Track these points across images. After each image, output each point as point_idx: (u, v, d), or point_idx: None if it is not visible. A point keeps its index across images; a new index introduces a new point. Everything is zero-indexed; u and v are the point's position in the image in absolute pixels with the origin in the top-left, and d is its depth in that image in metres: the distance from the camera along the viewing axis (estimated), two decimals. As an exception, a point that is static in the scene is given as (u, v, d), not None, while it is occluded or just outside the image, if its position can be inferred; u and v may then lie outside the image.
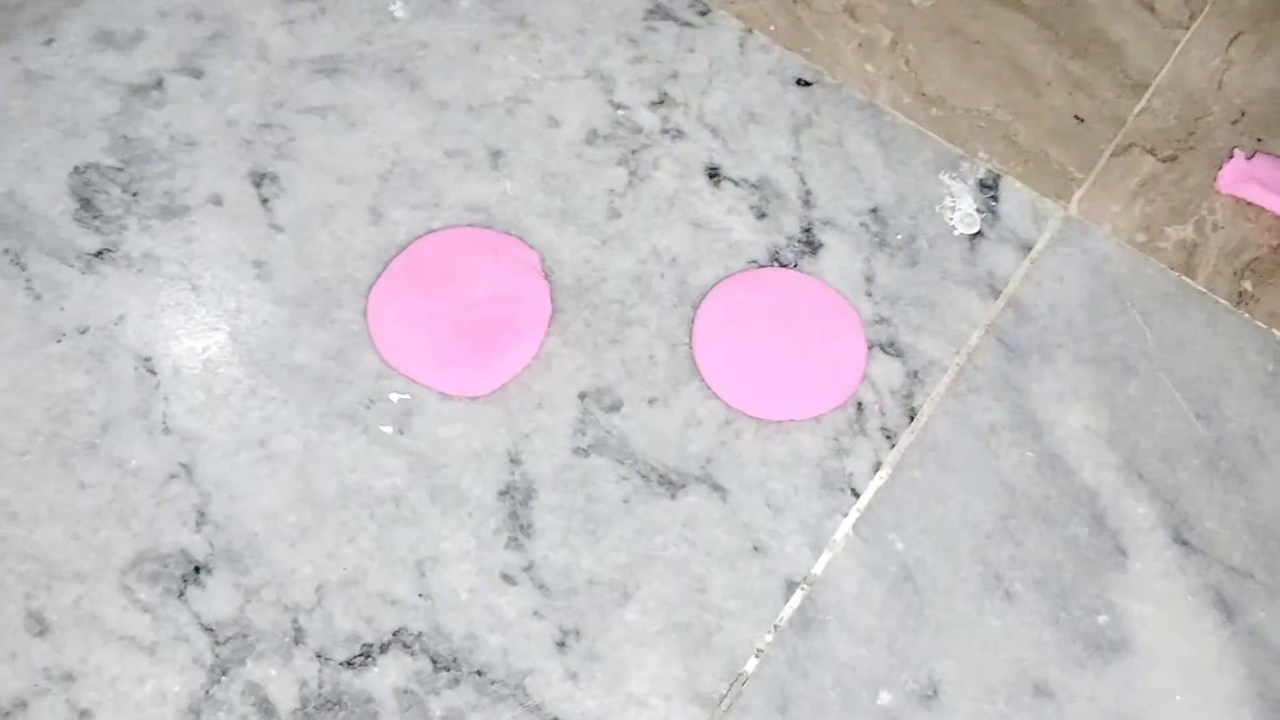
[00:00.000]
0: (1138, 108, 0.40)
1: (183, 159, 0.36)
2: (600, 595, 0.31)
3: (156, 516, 0.31)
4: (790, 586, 0.32)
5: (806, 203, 0.37)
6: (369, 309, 0.33)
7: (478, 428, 0.33)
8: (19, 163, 0.35)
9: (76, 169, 0.35)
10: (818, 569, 0.32)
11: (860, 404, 0.34)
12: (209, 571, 0.31)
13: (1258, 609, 0.33)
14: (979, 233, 0.37)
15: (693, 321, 0.35)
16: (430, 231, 0.34)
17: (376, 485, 0.32)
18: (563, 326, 0.34)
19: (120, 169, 0.36)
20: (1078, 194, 0.38)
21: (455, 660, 0.30)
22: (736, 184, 0.37)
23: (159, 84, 0.37)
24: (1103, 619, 0.32)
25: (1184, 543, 0.33)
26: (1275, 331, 0.37)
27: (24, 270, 0.34)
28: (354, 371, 0.33)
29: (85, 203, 0.35)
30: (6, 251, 0.34)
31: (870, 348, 0.35)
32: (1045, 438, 0.34)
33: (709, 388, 0.34)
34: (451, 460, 0.33)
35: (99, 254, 0.34)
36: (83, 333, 0.33)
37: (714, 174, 0.37)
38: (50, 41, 0.37)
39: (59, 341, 0.33)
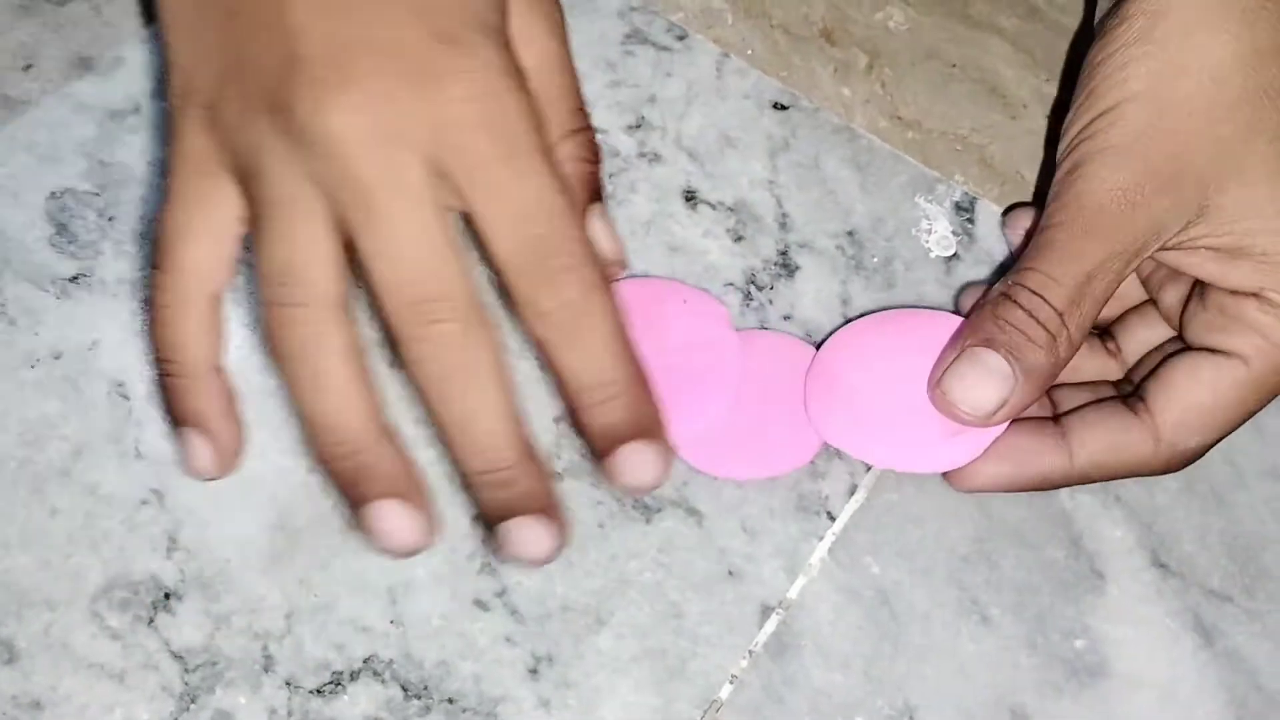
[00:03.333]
0: (1114, 130, 0.40)
1: (159, 184, 0.36)
2: (574, 621, 0.31)
3: (127, 543, 0.31)
4: (765, 611, 0.32)
5: (783, 225, 0.37)
6: None
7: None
8: (-5, 188, 0.35)
9: (53, 194, 0.36)
10: (793, 593, 0.32)
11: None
12: (179, 598, 0.31)
13: (1237, 632, 0.33)
14: (955, 255, 0.37)
15: None
16: None
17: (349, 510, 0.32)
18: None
19: (97, 194, 0.36)
20: (1054, 216, 0.38)
21: (426, 688, 0.30)
22: (713, 207, 0.37)
23: (136, 109, 0.37)
24: (1080, 643, 0.32)
25: (1162, 565, 0.33)
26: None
27: (-1, 295, 0.34)
28: (327, 396, 0.33)
29: (61, 228, 0.35)
30: (-19, 277, 0.34)
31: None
32: (1021, 461, 0.34)
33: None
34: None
35: (74, 279, 0.34)
36: (57, 358, 0.33)
37: (690, 197, 0.37)
38: (28, 67, 0.38)
39: (33, 367, 0.33)
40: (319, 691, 0.30)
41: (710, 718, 0.30)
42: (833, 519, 0.33)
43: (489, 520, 0.28)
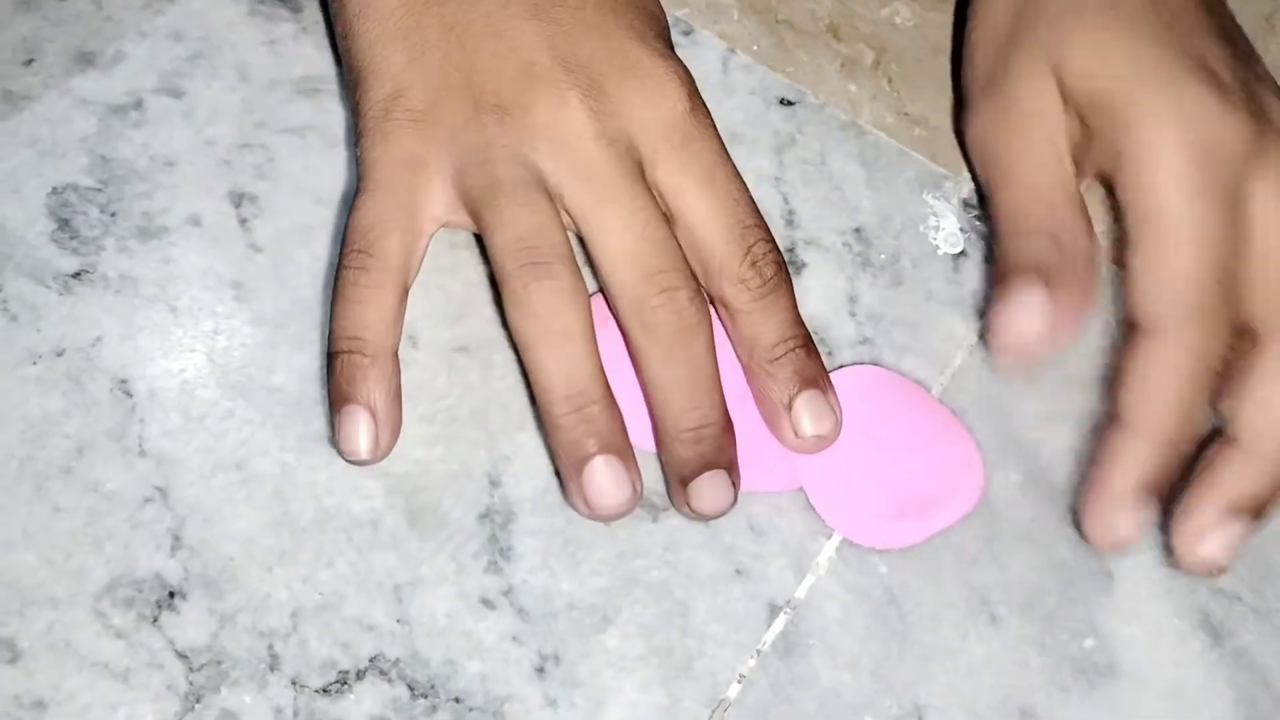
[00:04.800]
0: (1122, 127, 0.40)
1: (161, 179, 0.36)
2: (580, 620, 0.31)
3: (131, 541, 0.31)
4: (773, 610, 0.32)
5: (790, 223, 0.37)
6: None
7: (457, 449, 0.33)
8: (-4, 183, 0.35)
9: (55, 189, 0.35)
10: (801, 593, 0.32)
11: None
12: (184, 597, 0.30)
13: (1245, 631, 0.33)
14: (963, 252, 0.37)
15: None
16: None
17: (354, 508, 0.32)
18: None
19: (99, 189, 0.35)
20: (1062, 213, 0.38)
21: (433, 687, 0.30)
22: (720, 204, 0.37)
23: (138, 104, 0.37)
24: (1089, 643, 0.32)
25: (1171, 565, 0.33)
26: (1261, 351, 0.37)
27: (0, 292, 0.34)
28: (332, 394, 0.32)
29: (63, 223, 0.35)
30: (-18, 273, 0.34)
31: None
32: (1030, 460, 0.34)
33: None
34: (430, 483, 0.32)
35: (76, 275, 0.34)
36: (59, 355, 0.33)
37: (697, 194, 0.37)
38: (30, 62, 0.37)
39: (35, 363, 0.33)
40: (325, 690, 0.30)
41: (718, 717, 0.30)
42: (840, 517, 0.33)
43: (683, 478, 0.31)
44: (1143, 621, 0.32)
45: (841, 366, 0.35)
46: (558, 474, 0.32)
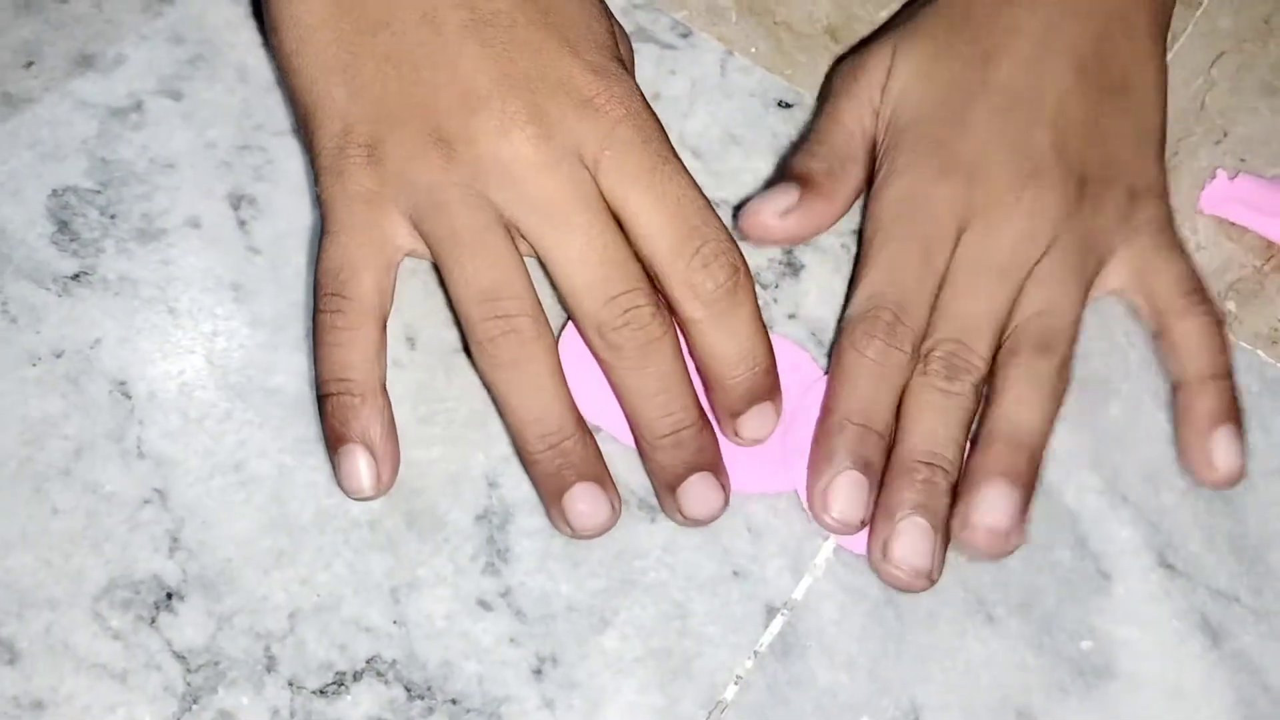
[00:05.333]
0: (1120, 128, 0.40)
1: (161, 181, 0.36)
2: (578, 621, 0.31)
3: (129, 542, 0.31)
4: (770, 612, 0.32)
5: (788, 224, 0.37)
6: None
7: (455, 451, 0.33)
8: (-4, 186, 0.35)
9: (55, 192, 0.35)
10: (798, 594, 0.32)
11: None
12: (181, 598, 0.30)
13: (1244, 633, 0.32)
14: (961, 254, 0.37)
15: None
16: None
17: (352, 510, 0.32)
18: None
19: (98, 191, 0.36)
20: (1060, 215, 0.38)
21: (430, 688, 0.30)
22: (718, 205, 0.37)
23: (138, 106, 0.37)
24: (1086, 644, 0.32)
25: (1168, 566, 0.33)
26: (1260, 352, 0.37)
27: (0, 293, 0.34)
28: (330, 395, 0.32)
29: (63, 225, 0.35)
30: (-18, 275, 0.34)
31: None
32: (1027, 460, 0.34)
33: None
34: (428, 484, 0.32)
35: (76, 277, 0.34)
36: (58, 356, 0.33)
37: (695, 196, 0.37)
38: (30, 64, 0.37)
39: (34, 365, 0.33)
40: (322, 692, 0.30)
41: (715, 718, 0.30)
42: (838, 519, 0.33)
43: (668, 484, 0.32)
44: (1140, 623, 0.32)
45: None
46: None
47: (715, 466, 0.32)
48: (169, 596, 0.30)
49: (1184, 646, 0.32)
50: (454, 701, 0.30)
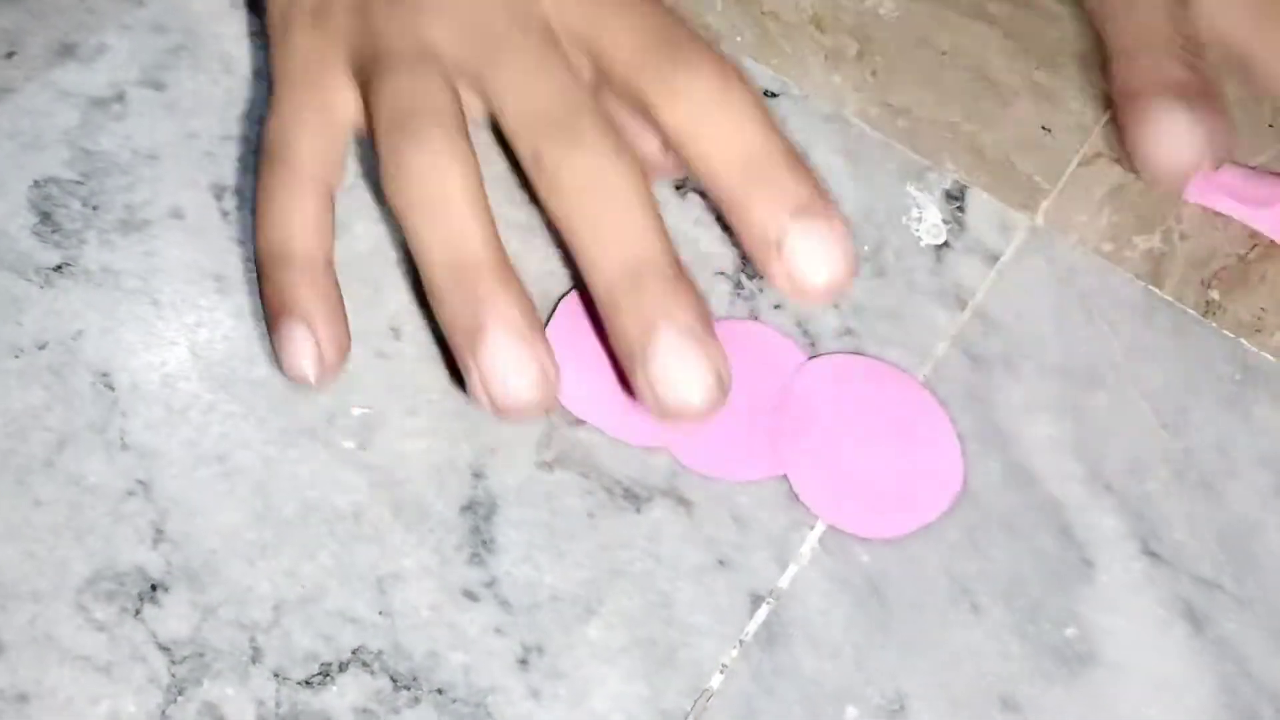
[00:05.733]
0: (1105, 118, 0.40)
1: (144, 172, 0.36)
2: (563, 611, 0.31)
3: (113, 534, 0.31)
4: (756, 601, 0.32)
5: (773, 214, 0.37)
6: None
7: (440, 442, 0.33)
8: (-23, 177, 0.35)
9: (36, 182, 0.35)
10: (783, 583, 0.32)
11: (826, 416, 0.34)
12: (166, 590, 0.30)
13: (1227, 620, 0.33)
14: (945, 244, 0.37)
15: None
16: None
17: (337, 501, 0.32)
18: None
19: (80, 182, 0.35)
20: (1044, 204, 0.38)
21: (415, 679, 0.30)
22: (704, 195, 0.37)
23: (120, 97, 0.37)
24: (1070, 632, 0.32)
25: (1152, 554, 0.33)
26: (1243, 341, 0.37)
27: (-18, 285, 0.34)
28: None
29: (45, 216, 0.35)
30: (-37, 266, 0.34)
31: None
32: (1011, 449, 0.34)
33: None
34: (414, 475, 0.32)
35: (58, 268, 0.34)
36: (40, 348, 0.33)
37: (680, 185, 0.37)
38: (11, 54, 0.37)
39: (16, 357, 0.33)
40: (307, 683, 0.30)
41: (701, 707, 0.30)
42: (823, 508, 0.33)
43: (635, 347, 0.26)
44: (1124, 610, 0.32)
45: (823, 355, 0.35)
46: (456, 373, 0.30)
47: (701, 330, 0.26)
48: (153, 588, 0.30)
49: (1167, 634, 0.32)
50: (440, 691, 0.30)
